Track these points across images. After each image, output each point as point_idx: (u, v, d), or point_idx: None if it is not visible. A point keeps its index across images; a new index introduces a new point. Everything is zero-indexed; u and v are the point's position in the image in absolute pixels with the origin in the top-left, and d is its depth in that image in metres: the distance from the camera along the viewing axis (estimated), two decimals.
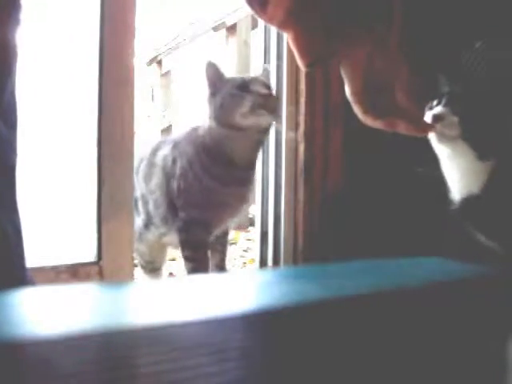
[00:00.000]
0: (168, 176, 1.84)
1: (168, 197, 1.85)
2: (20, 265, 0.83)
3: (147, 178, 1.90)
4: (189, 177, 1.78)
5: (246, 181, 1.79)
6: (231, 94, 1.64)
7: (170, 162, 1.85)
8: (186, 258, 1.86)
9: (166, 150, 1.87)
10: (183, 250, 1.85)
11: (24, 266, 0.84)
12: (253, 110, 1.63)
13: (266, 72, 1.86)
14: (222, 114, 1.67)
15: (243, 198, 1.83)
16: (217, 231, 1.90)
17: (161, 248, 2.07)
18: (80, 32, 1.84)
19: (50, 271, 1.75)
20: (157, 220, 1.91)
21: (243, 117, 1.63)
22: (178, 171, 1.81)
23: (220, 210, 1.80)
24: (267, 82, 1.74)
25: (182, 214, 1.82)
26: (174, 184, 1.82)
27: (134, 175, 1.87)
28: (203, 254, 1.86)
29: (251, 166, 1.80)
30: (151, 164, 1.90)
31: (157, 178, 1.88)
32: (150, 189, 1.90)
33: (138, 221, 1.95)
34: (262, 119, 1.65)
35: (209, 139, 1.73)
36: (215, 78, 1.72)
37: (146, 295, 0.54)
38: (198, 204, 1.78)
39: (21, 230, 0.83)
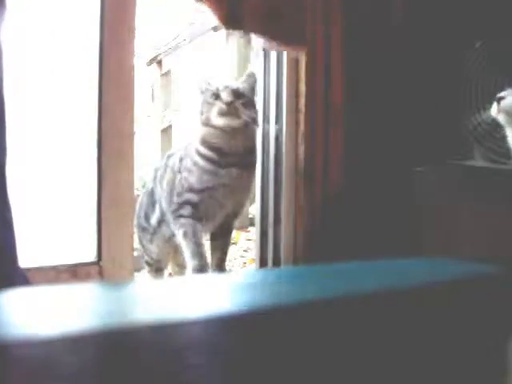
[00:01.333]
0: (175, 173, 2.03)
1: (175, 190, 2.02)
2: (9, 260, 0.83)
3: (162, 180, 2.10)
4: (189, 165, 1.99)
5: (240, 164, 1.98)
6: (207, 101, 1.98)
7: (178, 161, 2.04)
8: (180, 225, 1.98)
9: (176, 154, 2.11)
10: (176, 221, 1.98)
11: (15, 260, 0.83)
12: (220, 114, 1.94)
13: (250, 78, 2.05)
14: (202, 117, 1.98)
15: (238, 180, 1.98)
16: (218, 219, 2.02)
17: (169, 249, 2.16)
18: (80, 32, 1.84)
19: (50, 271, 1.75)
20: (168, 215, 2.05)
21: (215, 120, 1.95)
22: (182, 167, 2.01)
23: (219, 193, 1.97)
24: (238, 89, 1.98)
25: (176, 199, 1.99)
26: (178, 177, 2.01)
27: (153, 183, 2.14)
28: (195, 224, 1.97)
29: (244, 152, 2.00)
30: (165, 167, 2.11)
31: (167, 177, 2.06)
32: (163, 187, 2.08)
33: (153, 220, 2.11)
34: (229, 121, 1.94)
35: (201, 137, 2.00)
36: (203, 90, 2.01)
37: (146, 295, 0.54)
38: (194, 187, 1.96)
39: (12, 226, 0.83)
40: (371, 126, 2.23)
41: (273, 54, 2.25)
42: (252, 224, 3.23)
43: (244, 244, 3.23)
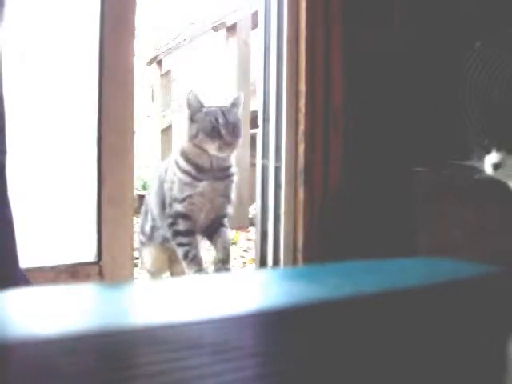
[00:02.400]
0: (161, 182, 2.13)
1: (161, 198, 2.12)
2: (10, 259, 0.83)
3: (152, 189, 2.23)
4: (171, 176, 2.09)
5: (215, 178, 2.07)
6: (203, 129, 2.02)
7: (164, 172, 2.15)
8: (179, 244, 2.08)
9: (163, 164, 2.24)
10: (175, 238, 2.07)
11: (15, 260, 0.84)
12: (219, 151, 2.02)
13: (238, 100, 2.12)
14: (194, 139, 2.04)
15: (215, 191, 2.07)
16: (203, 220, 2.10)
17: (165, 254, 2.22)
18: (80, 32, 1.84)
19: (50, 271, 1.75)
20: (158, 222, 2.14)
21: (212, 151, 2.03)
22: (167, 177, 2.11)
23: (196, 200, 2.06)
24: (236, 124, 2.07)
25: (168, 211, 2.08)
26: (165, 186, 2.10)
27: (148, 194, 2.29)
28: (193, 239, 2.08)
29: (220, 169, 2.08)
30: (154, 179, 2.27)
31: (155, 186, 2.18)
32: (152, 197, 2.20)
33: (147, 228, 2.21)
34: (226, 154, 2.05)
35: (184, 150, 2.09)
36: (191, 104, 2.06)
37: (145, 295, 0.54)
38: (178, 198, 2.06)
39: (13, 226, 0.83)
40: (371, 125, 2.23)
41: (273, 54, 2.25)
42: (252, 224, 3.23)
43: (244, 244, 3.23)
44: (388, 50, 2.27)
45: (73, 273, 1.79)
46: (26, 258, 0.83)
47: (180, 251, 2.07)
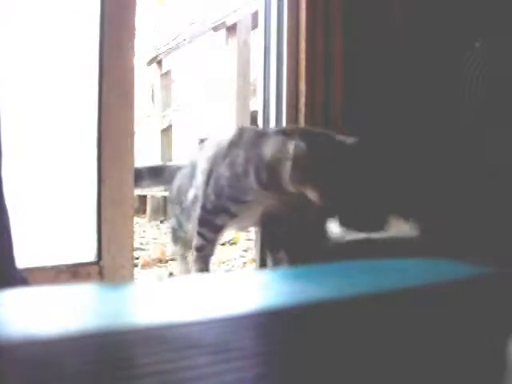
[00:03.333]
0: (220, 158, 1.90)
1: (210, 165, 1.91)
2: (7, 261, 0.83)
3: (208, 152, 1.97)
4: (238, 169, 1.86)
5: (281, 191, 1.86)
6: None
7: (226, 148, 1.91)
8: (201, 235, 1.91)
9: (229, 141, 1.94)
10: (201, 227, 1.91)
11: (13, 262, 0.84)
12: None
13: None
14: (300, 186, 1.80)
15: (276, 197, 1.89)
16: (247, 223, 2.04)
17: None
18: (80, 32, 1.84)
19: (50, 271, 1.75)
20: (200, 194, 1.94)
21: None
22: (229, 158, 1.88)
23: (251, 204, 1.89)
24: None
25: (214, 199, 1.88)
26: (225, 161, 1.88)
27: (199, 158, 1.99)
28: (217, 236, 1.93)
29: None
30: (211, 148, 1.99)
31: (206, 161, 1.94)
32: (202, 166, 1.96)
33: (190, 194, 1.98)
34: None
35: (274, 168, 1.83)
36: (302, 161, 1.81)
37: (146, 295, 0.54)
38: (235, 198, 1.87)
39: (9, 228, 0.83)
40: (371, 126, 2.22)
41: (273, 54, 2.25)
42: None
43: (244, 244, 3.23)
44: (388, 50, 2.27)
45: (73, 273, 1.79)
46: (27, 258, 0.83)
47: (197, 241, 1.92)
